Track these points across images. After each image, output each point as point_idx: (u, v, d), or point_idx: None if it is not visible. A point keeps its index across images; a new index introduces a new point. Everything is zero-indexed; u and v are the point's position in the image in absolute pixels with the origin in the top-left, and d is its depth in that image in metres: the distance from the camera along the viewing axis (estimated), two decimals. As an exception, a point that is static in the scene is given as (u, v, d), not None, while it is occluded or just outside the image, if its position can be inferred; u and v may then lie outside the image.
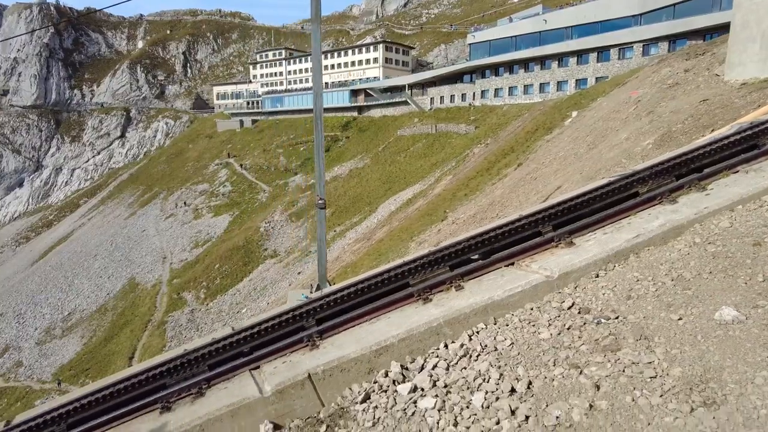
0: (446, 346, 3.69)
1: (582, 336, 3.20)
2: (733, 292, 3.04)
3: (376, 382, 3.62)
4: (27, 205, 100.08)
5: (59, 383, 42.19)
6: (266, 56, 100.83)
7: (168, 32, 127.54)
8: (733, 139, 4.72)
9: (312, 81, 5.35)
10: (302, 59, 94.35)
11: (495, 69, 52.94)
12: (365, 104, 73.91)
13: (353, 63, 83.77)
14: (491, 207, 14.07)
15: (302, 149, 74.01)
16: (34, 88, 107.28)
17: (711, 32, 34.17)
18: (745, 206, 3.96)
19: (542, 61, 47.95)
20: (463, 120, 52.46)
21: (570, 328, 3.34)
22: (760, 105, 7.36)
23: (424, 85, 66.29)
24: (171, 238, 65.39)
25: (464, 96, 58.20)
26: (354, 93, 76.30)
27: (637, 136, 8.80)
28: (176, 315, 47.89)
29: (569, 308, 3.58)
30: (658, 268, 3.58)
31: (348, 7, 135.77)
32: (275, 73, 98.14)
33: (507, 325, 3.65)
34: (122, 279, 60.38)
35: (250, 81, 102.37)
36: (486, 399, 2.97)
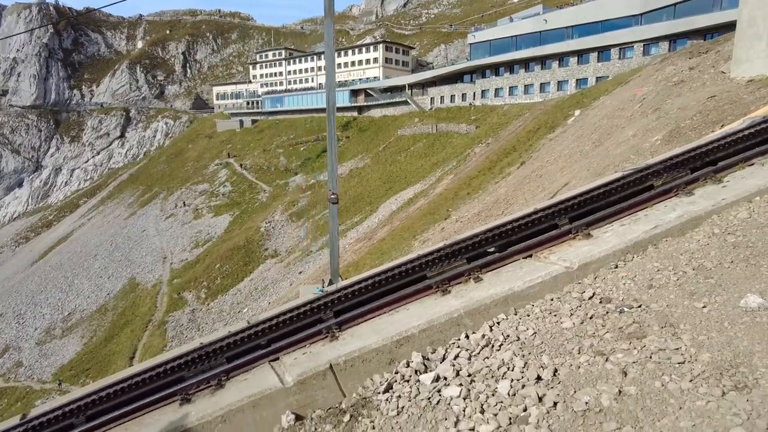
0: (467, 337, 3.70)
1: (605, 324, 3.22)
2: (757, 281, 3.06)
3: (398, 373, 3.64)
4: (26, 206, 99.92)
5: (60, 383, 42.11)
6: (266, 56, 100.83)
7: (167, 32, 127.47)
8: (747, 133, 4.75)
9: (325, 76, 5.36)
10: (302, 59, 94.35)
11: (495, 69, 53.00)
12: (365, 104, 73.92)
13: (353, 63, 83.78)
14: (496, 205, 14.10)
15: (302, 149, 74.00)
16: (34, 88, 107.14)
17: (711, 32, 34.26)
18: (763, 197, 3.99)
19: (543, 61, 48.02)
20: (464, 120, 52.51)
21: (592, 317, 3.36)
22: (769, 101, 7.39)
23: (425, 85, 66.34)
24: (171, 238, 65.34)
25: (464, 96, 58.25)
26: (354, 93, 76.30)
27: (645, 133, 8.84)
28: (177, 315, 47.84)
29: (590, 298, 3.60)
30: (678, 258, 3.60)
31: (348, 7, 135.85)
32: (275, 73, 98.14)
33: (528, 316, 3.67)
34: (122, 279, 60.31)
35: (250, 81, 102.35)
36: (512, 387, 2.99)
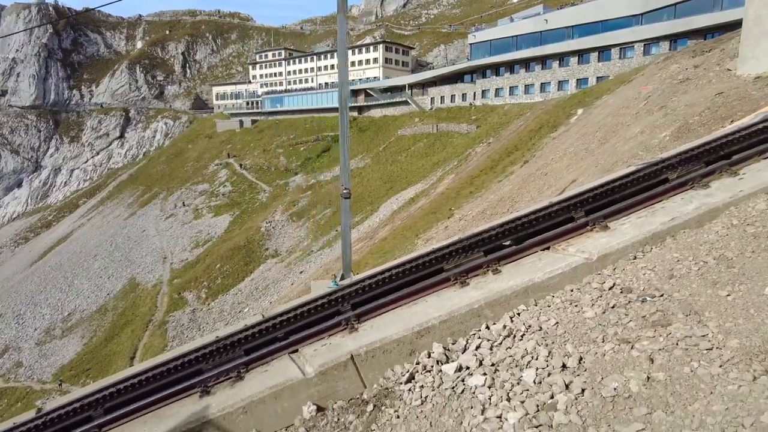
0: (488, 328, 3.72)
1: (628, 313, 3.24)
2: (780, 269, 3.08)
3: (419, 363, 3.65)
4: (26, 206, 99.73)
5: (60, 384, 42.01)
6: (266, 56, 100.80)
7: (167, 32, 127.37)
8: (762, 126, 4.78)
9: (337, 70, 5.37)
10: (302, 59, 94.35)
11: (496, 69, 53.05)
12: (365, 104, 73.91)
13: (353, 63, 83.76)
14: (501, 203, 14.11)
15: (302, 149, 73.97)
16: (33, 89, 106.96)
17: (712, 31, 34.34)
18: (781, 189, 4.01)
19: (543, 61, 48.07)
20: (464, 119, 52.54)
21: (614, 307, 3.38)
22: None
23: (425, 85, 66.38)
24: (171, 238, 65.25)
25: (465, 96, 58.29)
26: (354, 93, 76.28)
27: (652, 130, 8.88)
28: (177, 315, 47.77)
29: (610, 288, 3.62)
30: (698, 249, 3.62)
31: (347, 8, 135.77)
32: (275, 74, 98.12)
33: (549, 306, 3.69)
34: (122, 279, 60.21)
35: (250, 81, 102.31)
36: (537, 375, 3.01)
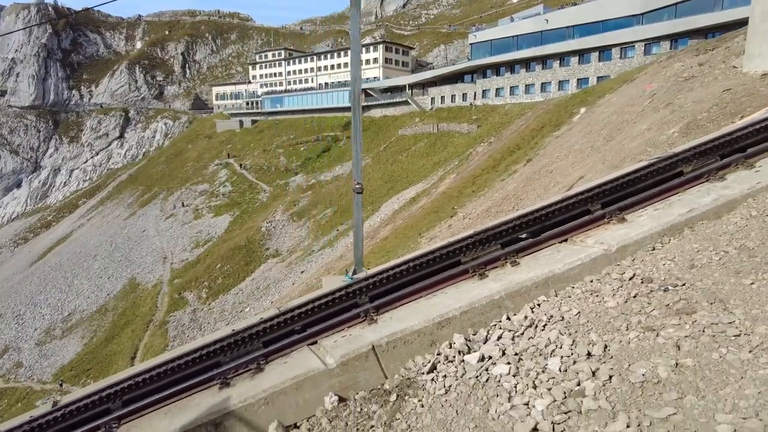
0: (508, 318, 3.74)
1: (651, 302, 3.26)
2: (803, 258, 3.10)
3: (440, 354, 3.67)
4: (25, 206, 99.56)
5: (61, 384, 41.92)
6: (266, 57, 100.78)
7: (167, 33, 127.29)
8: (776, 120, 4.80)
9: (350, 65, 5.39)
10: (302, 60, 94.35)
11: (496, 69, 53.10)
12: (366, 104, 73.88)
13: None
14: (506, 201, 14.14)
15: (302, 149, 73.99)
16: (32, 89, 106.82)
17: (713, 31, 34.42)
18: (798, 181, 4.04)
19: (544, 61, 48.14)
20: (465, 119, 52.58)
21: (636, 296, 3.40)
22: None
23: (425, 85, 66.43)
24: (171, 238, 65.20)
25: (465, 96, 58.34)
26: (354, 93, 76.29)
27: (660, 126, 8.91)
28: (178, 315, 47.72)
29: (630, 279, 3.64)
30: (718, 239, 3.64)
31: (347, 8, 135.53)
32: (275, 74, 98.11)
33: (569, 297, 3.71)
34: (122, 279, 60.13)
35: (250, 81, 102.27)
36: (563, 363, 3.02)
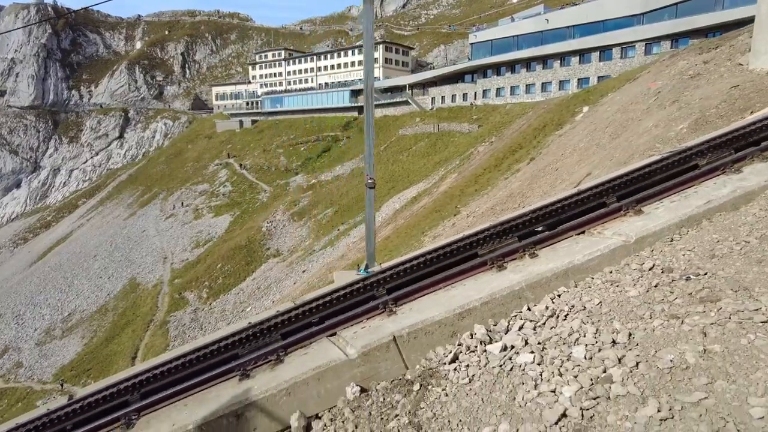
0: (529, 309, 3.76)
1: (673, 291, 3.28)
2: (825, 247, 3.12)
3: (461, 344, 3.68)
4: (25, 206, 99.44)
5: (62, 384, 41.87)
6: (265, 57, 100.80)
7: (166, 33, 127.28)
8: (790, 114, 4.82)
9: (363, 59, 5.41)
10: (302, 60, 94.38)
11: (497, 68, 53.18)
12: (366, 104, 73.93)
13: (353, 63, 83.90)
14: (511, 198, 14.17)
15: (302, 149, 74.01)
16: (32, 89, 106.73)
17: (713, 31, 34.51)
18: (815, 173, 4.06)
19: (544, 61, 48.23)
20: (466, 119, 52.64)
21: (658, 286, 3.42)
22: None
23: (425, 85, 66.50)
24: (171, 238, 65.17)
25: (465, 96, 58.42)
26: (354, 93, 76.40)
27: (667, 123, 8.95)
28: (179, 315, 47.70)
29: (650, 269, 3.66)
30: (738, 230, 3.66)
31: (347, 8, 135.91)
32: (275, 74, 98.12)
33: (589, 287, 3.73)
34: (122, 279, 60.08)
35: (249, 81, 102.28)
36: (588, 351, 3.04)
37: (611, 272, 3.81)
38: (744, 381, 2.36)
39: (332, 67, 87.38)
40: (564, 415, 2.64)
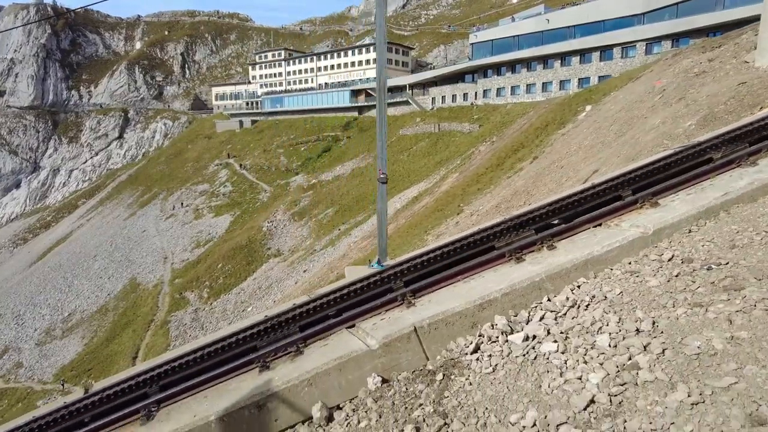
0: (549, 300, 3.78)
1: (695, 280, 3.30)
2: None
3: (482, 335, 3.70)
4: (24, 207, 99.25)
5: (63, 384, 41.79)
6: (265, 57, 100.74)
7: (166, 33, 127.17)
8: (803, 107, 4.85)
9: (376, 53, 5.43)
10: (302, 60, 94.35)
11: (497, 68, 53.20)
12: (366, 104, 74.04)
13: (353, 63, 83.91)
14: (516, 196, 14.19)
15: (303, 149, 73.98)
16: (32, 89, 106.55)
17: (713, 30, 34.56)
18: (831, 165, 4.09)
19: (545, 61, 48.27)
20: (466, 119, 52.66)
21: (679, 275, 3.44)
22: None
23: (425, 85, 66.52)
24: (172, 238, 65.08)
25: (466, 95, 58.45)
26: (354, 93, 76.45)
27: (674, 120, 8.99)
28: (179, 314, 47.62)
29: (670, 260, 3.68)
30: (757, 221, 3.69)
31: (346, 9, 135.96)
32: (274, 74, 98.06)
33: (609, 278, 3.75)
34: (123, 279, 59.97)
35: (249, 82, 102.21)
36: (612, 339, 3.06)
37: (630, 263, 3.84)
38: (774, 365, 2.39)
39: (332, 68, 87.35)
40: (592, 401, 2.67)
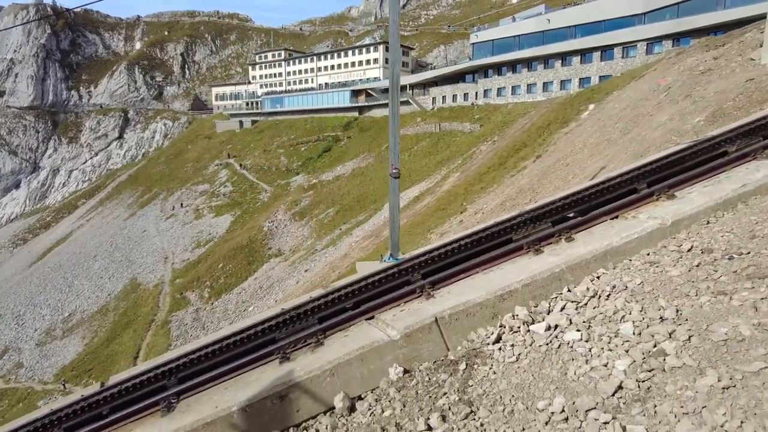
0: (569, 290, 3.80)
1: (717, 270, 3.33)
2: None
3: (503, 326, 3.73)
4: (24, 207, 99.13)
5: (64, 384, 41.77)
6: (265, 57, 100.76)
7: (166, 33, 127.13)
8: (816, 101, 4.88)
9: (389, 48, 5.45)
10: (302, 60, 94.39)
11: (498, 68, 53.27)
12: (366, 104, 74.11)
13: (353, 63, 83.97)
14: (521, 194, 14.23)
15: (303, 149, 73.99)
16: (31, 89, 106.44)
17: (714, 30, 34.61)
18: None
19: (546, 61, 48.33)
20: (467, 119, 52.70)
21: (700, 265, 3.47)
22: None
23: (426, 85, 66.56)
24: (172, 239, 65.03)
25: (466, 95, 58.51)
26: (355, 93, 76.49)
27: (682, 116, 9.03)
28: (180, 314, 47.58)
29: (689, 250, 3.71)
30: (776, 212, 3.72)
31: (346, 9, 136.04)
32: (274, 74, 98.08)
33: (629, 269, 3.78)
34: (123, 279, 59.90)
35: (249, 82, 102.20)
36: (636, 327, 3.09)
37: (649, 254, 3.86)
38: (803, 350, 2.41)
39: (332, 68, 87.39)
40: (620, 387, 2.69)
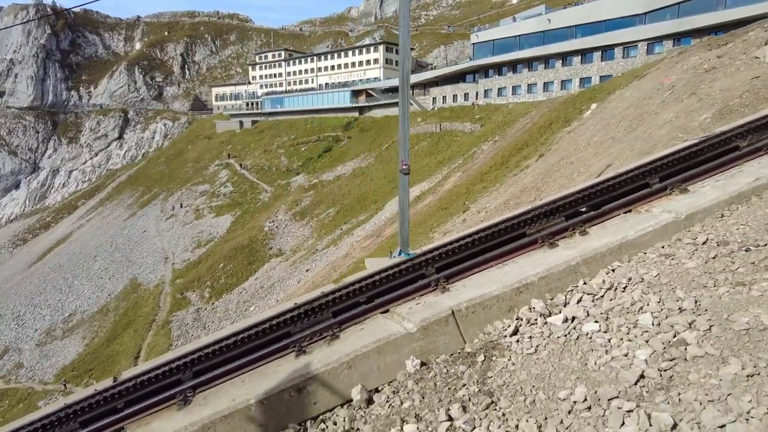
0: (585, 283, 3.82)
1: (734, 261, 3.35)
2: None
3: (519, 318, 3.75)
4: (24, 207, 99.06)
5: (65, 384, 41.73)
6: (265, 57, 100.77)
7: (166, 34, 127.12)
8: (827, 96, 4.91)
9: (399, 44, 5.48)
10: (302, 60, 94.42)
11: (498, 68, 53.30)
12: (366, 104, 74.12)
13: (354, 64, 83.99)
14: (525, 193, 14.26)
15: (303, 149, 74.02)
16: (31, 90, 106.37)
17: (715, 30, 34.65)
18: None
19: (546, 61, 48.36)
20: (468, 119, 52.73)
21: (716, 257, 3.49)
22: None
23: (426, 85, 66.55)
24: (172, 239, 65.01)
25: (467, 95, 58.53)
26: (355, 93, 76.50)
27: (688, 114, 9.07)
28: (181, 314, 47.55)
29: (704, 243, 3.73)
30: (791, 205, 3.74)
31: (346, 9, 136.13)
32: (275, 74, 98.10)
33: (644, 261, 3.80)
34: (123, 280, 59.87)
35: (249, 82, 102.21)
36: (655, 318, 3.11)
37: (663, 247, 3.89)
38: (826, 337, 2.43)
39: (332, 68, 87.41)
40: (642, 376, 2.71)
